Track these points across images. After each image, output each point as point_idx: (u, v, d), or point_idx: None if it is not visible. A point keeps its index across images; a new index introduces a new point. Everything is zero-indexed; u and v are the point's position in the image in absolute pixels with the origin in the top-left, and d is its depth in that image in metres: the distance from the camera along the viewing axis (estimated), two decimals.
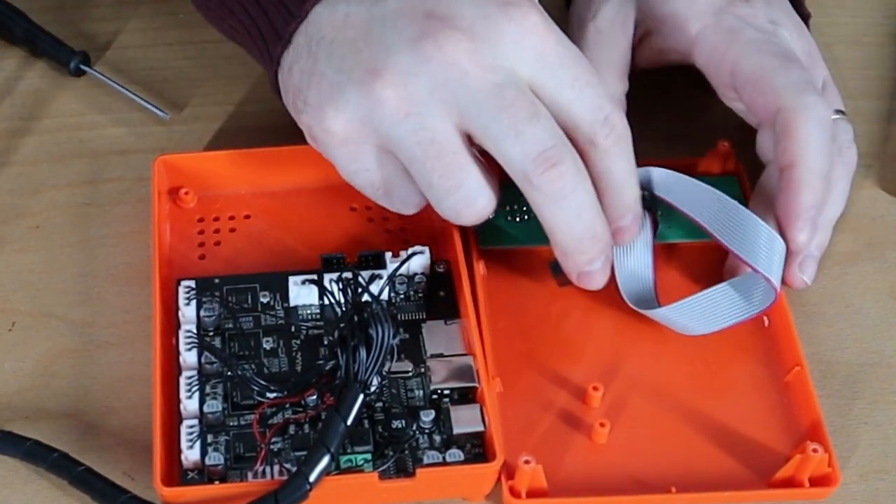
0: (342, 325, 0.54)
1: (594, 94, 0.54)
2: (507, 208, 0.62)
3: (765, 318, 0.60)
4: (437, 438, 0.55)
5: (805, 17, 0.66)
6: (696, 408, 0.57)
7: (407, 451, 0.54)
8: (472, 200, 0.54)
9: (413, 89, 0.53)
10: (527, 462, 0.53)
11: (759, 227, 0.57)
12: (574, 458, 0.56)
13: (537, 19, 0.54)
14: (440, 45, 0.53)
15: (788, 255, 0.58)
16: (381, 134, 0.54)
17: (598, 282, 0.57)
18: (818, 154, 0.58)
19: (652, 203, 0.61)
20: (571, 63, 0.54)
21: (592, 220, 0.55)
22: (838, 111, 0.62)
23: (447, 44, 0.53)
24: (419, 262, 0.59)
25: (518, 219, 0.62)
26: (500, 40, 0.53)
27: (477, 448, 0.55)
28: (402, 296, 0.59)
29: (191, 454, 0.53)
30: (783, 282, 0.59)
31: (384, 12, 0.54)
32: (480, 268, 0.60)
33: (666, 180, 0.60)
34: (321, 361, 0.55)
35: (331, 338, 0.57)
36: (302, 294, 0.59)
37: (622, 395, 0.58)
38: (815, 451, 0.54)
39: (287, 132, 0.59)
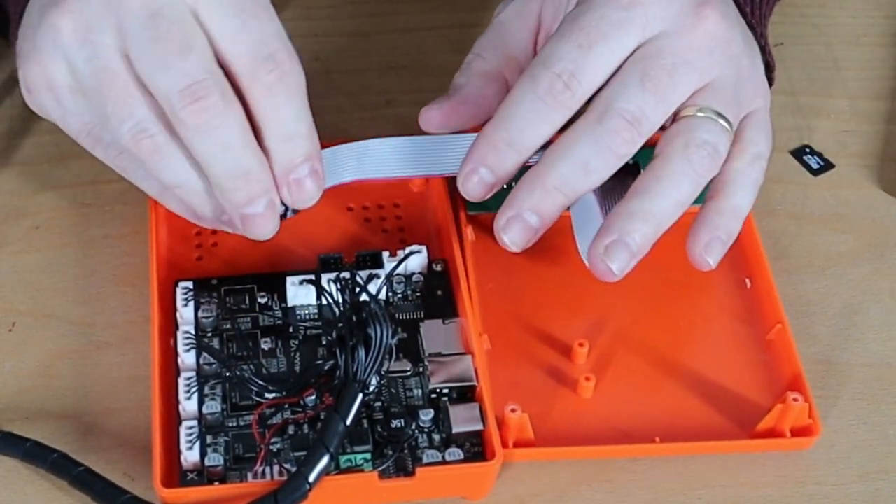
0: (340, 325, 0.54)
1: (259, 28, 0.52)
2: None
3: (746, 280, 0.61)
4: (437, 437, 0.55)
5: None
6: (680, 364, 0.58)
7: (406, 451, 0.54)
8: (142, 130, 0.52)
9: (86, 15, 0.52)
10: (513, 410, 0.54)
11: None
12: (560, 412, 0.56)
13: None
14: None
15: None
16: (68, 67, 0.53)
17: (262, 228, 0.53)
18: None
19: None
20: None
21: (242, 156, 0.52)
22: (717, 113, 0.57)
23: None
24: (416, 261, 0.60)
25: (504, 185, 0.62)
26: None
27: (476, 447, 0.55)
28: (399, 295, 0.60)
29: (190, 455, 0.53)
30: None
31: None
32: (469, 233, 0.61)
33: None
34: (320, 361, 0.55)
35: (329, 338, 0.57)
36: (300, 294, 0.59)
37: (607, 351, 0.58)
38: (795, 399, 0.55)
39: None
